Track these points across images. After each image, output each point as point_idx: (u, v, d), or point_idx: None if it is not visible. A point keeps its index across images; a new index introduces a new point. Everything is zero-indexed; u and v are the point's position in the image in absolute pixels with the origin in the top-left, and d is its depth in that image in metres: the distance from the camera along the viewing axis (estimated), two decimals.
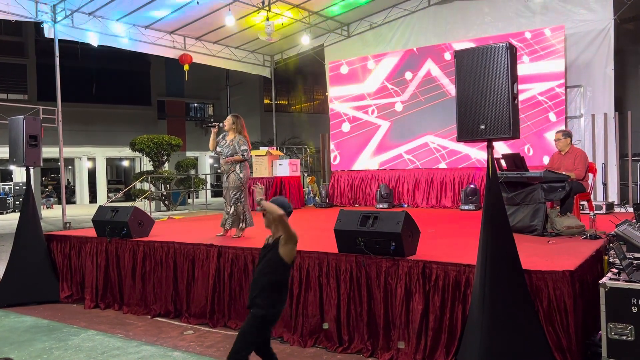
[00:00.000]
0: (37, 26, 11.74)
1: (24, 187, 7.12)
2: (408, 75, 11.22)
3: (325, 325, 4.49)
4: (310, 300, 4.72)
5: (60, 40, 10.28)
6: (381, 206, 10.32)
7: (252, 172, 11.73)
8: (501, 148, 8.61)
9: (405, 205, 10.69)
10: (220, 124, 6.44)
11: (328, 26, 12.85)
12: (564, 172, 6.14)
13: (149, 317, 5.80)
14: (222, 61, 13.65)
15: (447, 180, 10.45)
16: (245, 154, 6.23)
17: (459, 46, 9.77)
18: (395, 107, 11.37)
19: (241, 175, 6.27)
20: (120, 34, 11.17)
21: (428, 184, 10.69)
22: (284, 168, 10.99)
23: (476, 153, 10.17)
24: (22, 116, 6.77)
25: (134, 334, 5.19)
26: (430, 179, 10.68)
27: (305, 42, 12.84)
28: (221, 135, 6.43)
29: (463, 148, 10.35)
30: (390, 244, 4.26)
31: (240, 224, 6.24)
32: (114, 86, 25.32)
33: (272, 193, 10.66)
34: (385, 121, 11.51)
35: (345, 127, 12.16)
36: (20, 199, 20.30)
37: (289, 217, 3.20)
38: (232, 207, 6.23)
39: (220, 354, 4.30)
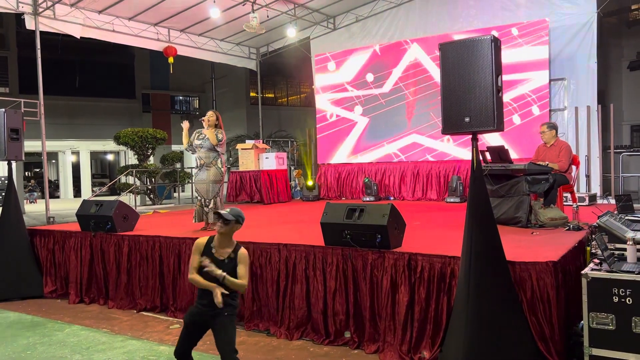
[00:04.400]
0: (18, 17, 11.53)
1: (6, 182, 7.02)
2: (392, 68, 11.23)
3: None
4: (297, 293, 4.73)
5: (42, 32, 10.11)
6: (367, 199, 10.35)
7: (238, 166, 11.70)
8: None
9: (392, 198, 10.73)
10: (201, 119, 6.46)
11: (314, 18, 12.79)
12: (547, 163, 6.20)
13: (135, 311, 5.77)
14: (207, 53, 13.53)
15: (433, 172, 10.51)
16: (221, 141, 6.29)
17: (444, 39, 9.79)
18: (380, 99, 11.39)
19: (222, 169, 6.37)
20: (103, 26, 11.02)
21: (414, 177, 10.74)
22: (271, 161, 10.95)
23: (457, 151, 10.25)
24: (3, 109, 6.67)
25: (119, 328, 5.17)
26: (417, 171, 10.73)
27: (291, 34, 12.77)
28: (196, 131, 6.45)
29: (443, 145, 10.41)
30: (376, 237, 4.28)
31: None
32: (98, 79, 24.99)
33: (258, 186, 10.65)
34: (369, 115, 11.53)
35: (331, 120, 12.15)
36: (2, 194, 20.02)
37: (241, 226, 3.46)
38: (212, 201, 6.23)
39: (207, 348, 4.30)
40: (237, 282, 3.27)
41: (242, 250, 3.41)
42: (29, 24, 9.96)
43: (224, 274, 3.21)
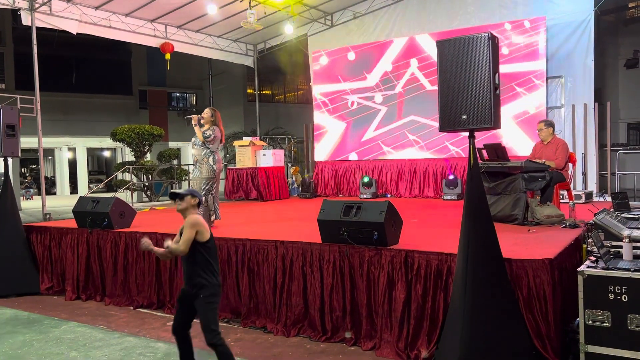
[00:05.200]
0: (15, 13, 11.46)
1: (2, 178, 7.00)
2: (390, 65, 11.23)
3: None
4: (294, 290, 4.74)
5: (38, 28, 10.05)
6: (365, 196, 10.35)
7: (235, 163, 11.68)
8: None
9: (389, 195, 10.73)
10: (199, 116, 6.44)
11: (311, 15, 12.76)
12: (544, 161, 6.21)
13: (132, 308, 5.77)
14: (204, 50, 13.49)
15: (430, 170, 10.52)
16: (208, 138, 6.25)
17: (442, 37, 9.79)
18: (377, 96, 11.39)
19: (214, 167, 6.32)
20: (99, 22, 10.97)
21: (411, 174, 10.75)
22: (268, 158, 10.94)
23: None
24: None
25: (116, 325, 5.16)
26: (413, 169, 10.74)
27: (289, 31, 12.74)
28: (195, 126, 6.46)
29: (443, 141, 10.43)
30: (373, 234, 4.29)
31: (212, 216, 6.26)
32: (95, 75, 24.87)
33: (255, 183, 10.64)
34: (366, 112, 11.53)
35: (329, 116, 12.14)
36: None
37: (199, 207, 3.61)
38: (204, 198, 6.22)
39: (204, 345, 4.29)
40: (162, 251, 3.44)
41: (188, 219, 3.48)
42: (25, 20, 9.91)
43: (167, 244, 3.42)
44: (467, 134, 3.64)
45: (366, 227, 4.32)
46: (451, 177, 9.72)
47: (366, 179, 10.70)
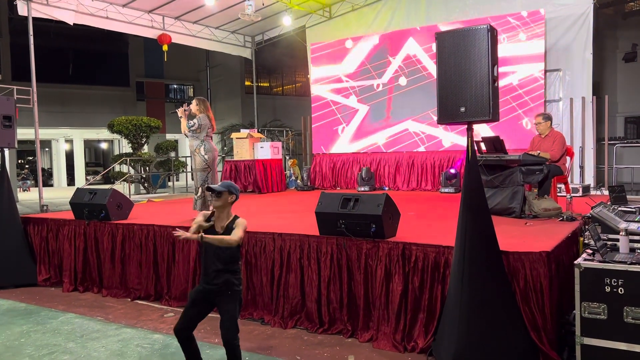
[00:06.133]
0: (11, 3, 11.36)
1: None
2: (388, 57, 11.20)
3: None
4: (291, 282, 4.74)
5: (34, 19, 9.98)
6: (362, 189, 10.35)
7: (232, 156, 11.65)
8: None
9: (386, 188, 10.74)
10: (185, 108, 6.41)
11: (310, 7, 12.70)
12: (538, 152, 6.22)
13: (129, 300, 5.77)
14: (202, 41, 13.43)
15: (428, 163, 10.52)
16: (192, 127, 6.20)
17: (440, 29, 9.77)
18: (375, 90, 11.37)
19: (206, 157, 6.24)
20: (96, 13, 10.90)
21: (409, 167, 10.75)
22: (265, 151, 10.92)
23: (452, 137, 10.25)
24: None
25: (113, 316, 5.17)
26: (411, 162, 10.74)
27: (287, 22, 12.68)
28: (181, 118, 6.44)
29: (441, 133, 10.43)
30: (370, 226, 4.29)
31: (210, 207, 6.24)
32: (92, 67, 24.76)
33: (253, 176, 10.63)
34: (364, 105, 11.51)
35: (327, 109, 12.11)
36: None
37: (237, 197, 3.49)
38: (200, 189, 6.20)
39: (202, 336, 4.31)
40: (218, 237, 3.30)
41: (240, 220, 3.43)
42: (22, 10, 9.84)
43: (200, 233, 3.27)
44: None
45: (364, 219, 4.32)
46: (452, 170, 9.70)
47: (364, 172, 10.69)
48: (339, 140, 11.95)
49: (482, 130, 8.91)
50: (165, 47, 12.44)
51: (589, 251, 3.70)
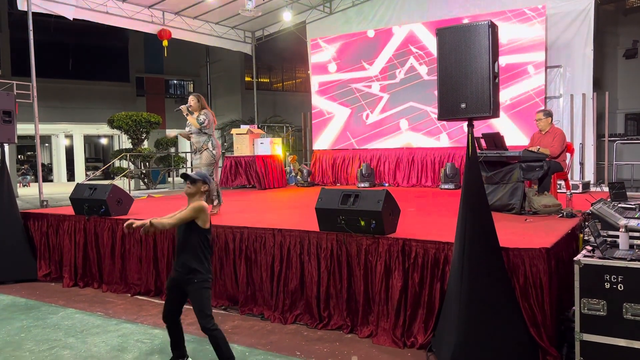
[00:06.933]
0: None
1: None
2: (388, 53, 11.18)
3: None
4: (291, 278, 4.75)
5: (34, 14, 9.96)
6: (362, 185, 10.35)
7: (232, 151, 11.64)
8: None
9: (387, 185, 10.74)
10: (188, 106, 6.44)
11: (310, 2, 12.67)
12: (538, 148, 6.21)
13: (129, 295, 5.78)
14: (202, 37, 13.41)
15: (428, 159, 10.52)
16: (203, 123, 6.28)
17: (441, 25, 9.75)
18: (376, 85, 11.36)
19: (214, 152, 6.34)
20: (96, 8, 10.88)
21: (409, 163, 10.75)
22: (265, 147, 10.91)
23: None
24: None
25: (113, 312, 5.17)
26: (411, 158, 10.74)
27: (287, 18, 12.65)
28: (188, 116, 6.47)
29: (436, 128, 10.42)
30: (370, 222, 4.29)
31: (214, 201, 6.25)
32: (92, 62, 24.75)
33: (253, 172, 10.62)
34: (364, 100, 11.50)
35: (327, 105, 12.10)
36: None
37: (208, 188, 3.57)
38: None
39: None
40: (156, 221, 3.32)
41: (195, 203, 3.44)
42: (21, 5, 9.81)
43: (148, 220, 3.29)
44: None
45: (364, 215, 4.32)
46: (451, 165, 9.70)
47: (364, 168, 10.69)
48: (338, 136, 11.93)
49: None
50: (165, 43, 12.42)
51: (589, 247, 3.70)
